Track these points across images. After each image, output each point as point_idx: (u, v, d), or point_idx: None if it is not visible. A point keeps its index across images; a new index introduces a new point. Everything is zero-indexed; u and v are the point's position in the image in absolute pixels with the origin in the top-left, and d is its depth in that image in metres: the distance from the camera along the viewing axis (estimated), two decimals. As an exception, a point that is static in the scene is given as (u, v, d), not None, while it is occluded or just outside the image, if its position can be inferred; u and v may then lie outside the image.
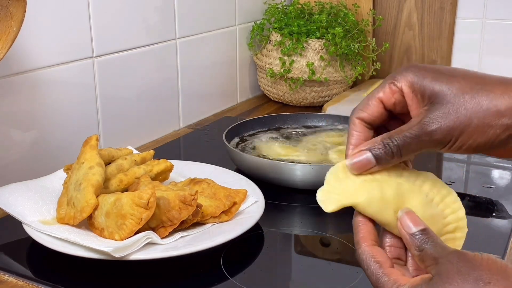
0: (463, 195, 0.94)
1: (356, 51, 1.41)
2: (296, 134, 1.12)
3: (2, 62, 0.85)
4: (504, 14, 1.49)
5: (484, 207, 0.90)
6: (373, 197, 0.50)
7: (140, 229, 0.71)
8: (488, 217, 0.87)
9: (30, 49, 0.94)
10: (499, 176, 1.02)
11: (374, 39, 1.49)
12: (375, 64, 1.45)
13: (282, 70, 1.41)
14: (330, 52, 1.39)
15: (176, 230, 0.74)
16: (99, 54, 1.07)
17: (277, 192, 0.93)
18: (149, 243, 0.71)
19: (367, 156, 0.49)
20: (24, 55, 0.93)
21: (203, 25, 1.34)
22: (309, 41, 1.40)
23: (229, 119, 1.35)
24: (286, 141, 1.08)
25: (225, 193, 0.80)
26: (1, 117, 0.91)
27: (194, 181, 0.84)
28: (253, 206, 0.81)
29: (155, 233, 0.72)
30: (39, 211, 0.77)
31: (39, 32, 0.95)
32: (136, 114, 1.18)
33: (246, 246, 0.78)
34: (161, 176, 0.85)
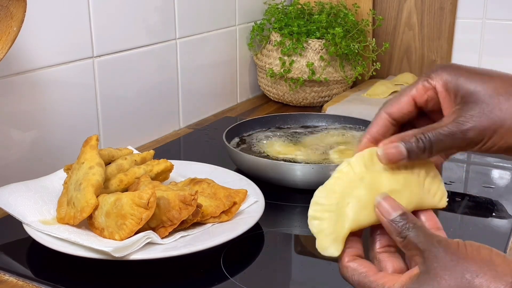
0: (463, 195, 0.94)
1: (356, 51, 1.41)
2: (296, 134, 1.12)
3: (2, 62, 0.85)
4: (504, 14, 1.49)
5: (484, 207, 0.90)
6: (357, 208, 0.50)
7: (140, 229, 0.71)
8: (488, 217, 0.87)
9: (30, 49, 0.94)
10: (499, 176, 1.02)
11: (374, 39, 1.49)
12: (375, 64, 1.45)
13: (282, 70, 1.41)
14: (330, 52, 1.39)
15: (176, 230, 0.74)
16: (99, 54, 1.07)
17: (277, 192, 0.93)
18: (149, 243, 0.71)
19: (400, 148, 0.49)
20: (24, 55, 0.93)
21: (203, 25, 1.34)
22: (309, 41, 1.40)
23: (229, 119, 1.35)
24: (286, 141, 1.08)
25: (225, 193, 0.80)
26: (1, 117, 0.91)
27: (194, 181, 0.84)
28: (253, 206, 0.81)
29: (155, 233, 0.72)
30: (39, 211, 0.77)
31: (39, 32, 0.95)
32: (136, 114, 1.18)
33: (246, 246, 0.78)
34: (161, 176, 0.85)
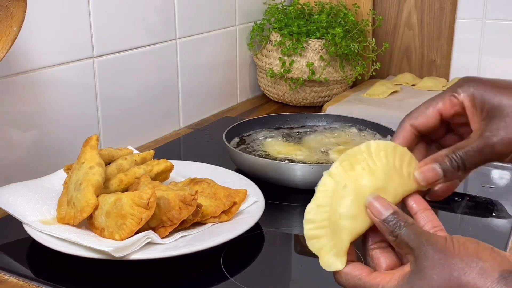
0: (463, 195, 0.94)
1: (356, 51, 1.41)
2: (296, 134, 1.12)
3: (2, 62, 0.85)
4: (504, 14, 1.49)
5: (484, 207, 0.90)
6: (351, 217, 0.50)
7: (140, 229, 0.71)
8: (488, 217, 0.87)
9: (30, 49, 0.94)
10: (499, 176, 1.02)
11: (374, 39, 1.49)
12: (375, 64, 1.45)
13: (282, 70, 1.41)
14: (330, 52, 1.39)
15: (176, 230, 0.74)
16: (99, 54, 1.07)
17: (277, 192, 0.93)
18: (149, 243, 0.71)
19: (437, 170, 0.51)
20: (24, 55, 0.93)
21: (203, 25, 1.34)
22: (309, 41, 1.40)
23: (229, 119, 1.35)
24: (286, 141, 1.08)
25: (225, 193, 0.80)
26: (1, 117, 0.91)
27: (194, 181, 0.84)
28: (253, 206, 0.81)
29: (155, 233, 0.72)
30: (40, 211, 0.77)
31: (39, 32, 0.95)
32: (136, 114, 1.18)
33: (246, 246, 0.78)
34: (161, 176, 0.85)
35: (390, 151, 0.52)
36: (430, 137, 0.56)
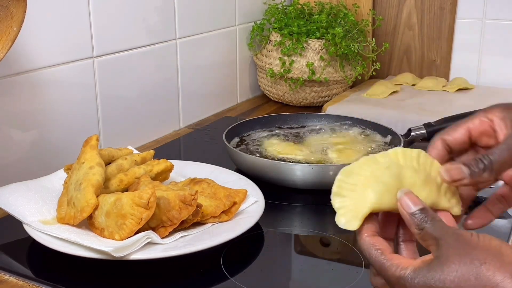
0: (463, 195, 0.94)
1: (356, 51, 1.41)
2: (296, 134, 1.12)
3: (2, 62, 0.85)
4: (504, 14, 1.49)
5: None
6: (380, 193, 0.53)
7: (140, 229, 0.71)
8: (488, 217, 0.87)
9: (30, 49, 0.94)
10: (499, 176, 1.02)
11: (374, 39, 1.49)
12: (375, 64, 1.45)
13: (282, 70, 1.41)
14: (330, 52, 1.39)
15: (176, 230, 0.74)
16: (99, 54, 1.07)
17: (277, 192, 0.93)
18: (149, 243, 0.71)
19: (462, 168, 0.53)
20: (24, 55, 0.93)
21: (203, 25, 1.34)
22: (309, 41, 1.40)
23: (229, 119, 1.35)
24: (286, 141, 1.08)
25: (225, 193, 0.80)
26: (1, 117, 0.91)
27: (194, 181, 0.84)
28: (253, 206, 0.81)
29: (155, 233, 0.72)
30: (40, 211, 0.77)
31: (39, 32, 0.95)
32: (136, 114, 1.18)
33: (246, 246, 0.78)
34: (161, 176, 0.85)
35: (430, 163, 0.56)
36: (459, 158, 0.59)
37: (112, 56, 1.10)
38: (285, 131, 1.13)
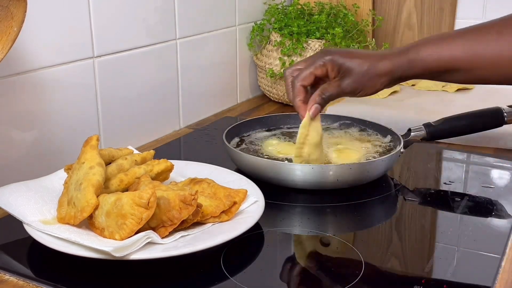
0: (463, 195, 0.94)
1: (356, 51, 1.41)
2: (296, 134, 1.12)
3: (3, 62, 0.85)
4: (504, 14, 1.48)
5: (484, 207, 0.91)
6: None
7: (141, 229, 0.71)
8: (487, 217, 0.87)
9: (31, 49, 0.94)
10: (499, 176, 1.03)
11: (374, 40, 1.49)
12: (375, 64, 1.45)
13: (282, 70, 1.41)
14: (330, 52, 1.39)
15: (176, 230, 0.74)
16: (99, 54, 1.07)
17: (277, 192, 0.93)
18: (149, 243, 0.71)
19: (318, 107, 0.90)
20: (25, 55, 0.93)
21: (203, 25, 1.34)
22: (309, 41, 1.40)
23: (229, 119, 1.35)
24: (286, 141, 1.08)
25: (225, 193, 0.80)
26: (1, 117, 0.91)
27: (194, 181, 0.84)
28: (253, 206, 0.81)
29: (155, 233, 0.72)
30: (40, 211, 0.77)
31: (39, 32, 0.95)
32: (136, 114, 1.18)
33: (246, 246, 0.78)
34: (161, 176, 0.85)
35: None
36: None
37: (112, 56, 1.10)
38: (285, 131, 1.13)
